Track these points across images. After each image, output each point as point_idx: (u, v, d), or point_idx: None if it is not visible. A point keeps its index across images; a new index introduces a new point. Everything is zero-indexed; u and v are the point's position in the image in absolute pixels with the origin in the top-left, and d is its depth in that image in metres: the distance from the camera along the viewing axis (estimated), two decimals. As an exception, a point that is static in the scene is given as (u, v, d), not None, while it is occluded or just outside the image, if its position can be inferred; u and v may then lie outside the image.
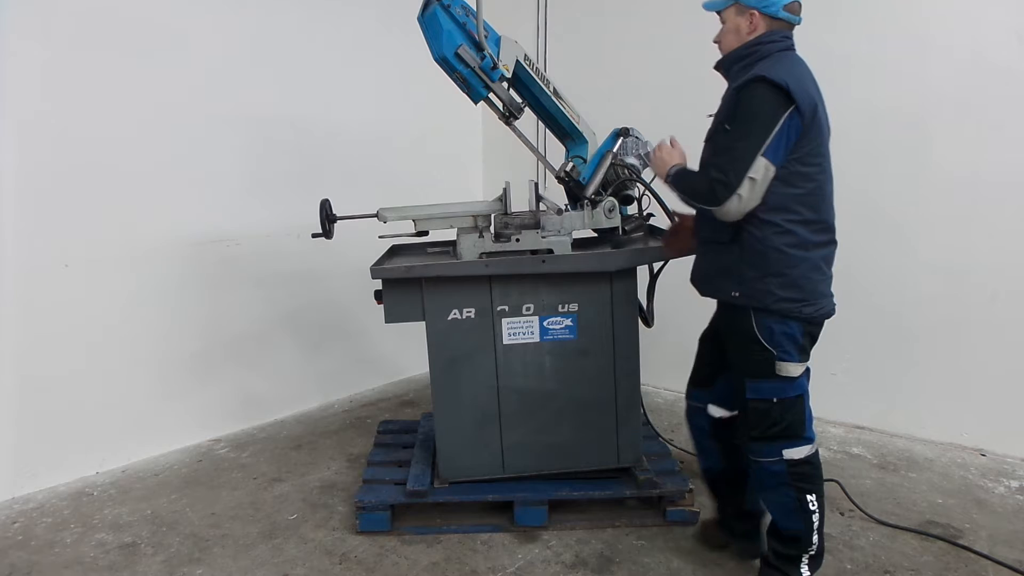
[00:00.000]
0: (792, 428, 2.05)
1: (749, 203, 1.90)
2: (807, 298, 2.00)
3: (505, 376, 2.62)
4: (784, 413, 2.04)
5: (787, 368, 2.03)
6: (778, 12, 1.96)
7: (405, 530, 2.58)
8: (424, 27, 2.51)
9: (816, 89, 1.98)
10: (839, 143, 3.40)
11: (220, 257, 3.49)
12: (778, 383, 2.04)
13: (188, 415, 3.43)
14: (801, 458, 2.04)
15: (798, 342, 2.03)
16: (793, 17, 1.99)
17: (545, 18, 4.41)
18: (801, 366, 2.05)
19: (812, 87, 1.95)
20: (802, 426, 2.06)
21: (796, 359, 2.03)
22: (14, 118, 2.80)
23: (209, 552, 2.50)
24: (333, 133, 3.93)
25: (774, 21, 1.97)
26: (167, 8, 3.20)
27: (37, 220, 2.90)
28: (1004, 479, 2.96)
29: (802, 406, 2.07)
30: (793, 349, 2.02)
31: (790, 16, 1.98)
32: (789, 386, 2.04)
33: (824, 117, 1.99)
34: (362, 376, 4.25)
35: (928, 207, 3.24)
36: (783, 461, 2.04)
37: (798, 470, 2.04)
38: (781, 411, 2.04)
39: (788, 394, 2.04)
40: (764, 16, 1.96)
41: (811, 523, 2.04)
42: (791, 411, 2.04)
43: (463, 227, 2.61)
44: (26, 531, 2.65)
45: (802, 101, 1.86)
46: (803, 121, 1.87)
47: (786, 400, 2.04)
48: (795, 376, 2.04)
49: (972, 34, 3.07)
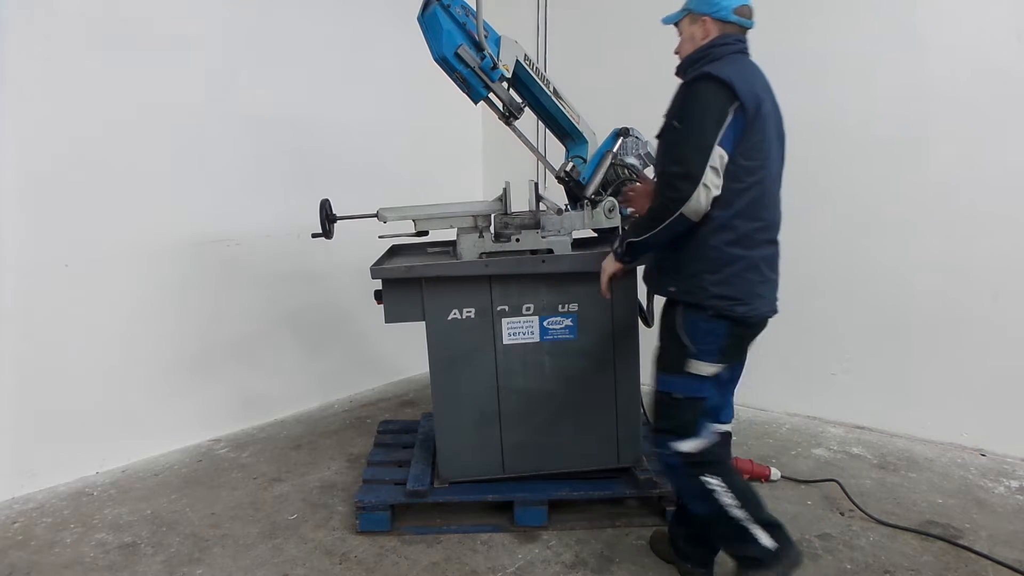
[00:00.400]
0: (684, 427, 2.03)
1: (714, 193, 1.90)
2: (741, 298, 1.97)
3: (505, 376, 2.62)
4: (682, 411, 2.03)
5: (699, 367, 2.01)
6: (728, 16, 2.01)
7: (405, 530, 2.58)
8: (424, 27, 2.51)
9: (765, 90, 1.99)
10: (838, 142, 3.44)
11: (220, 257, 3.49)
12: (685, 379, 2.02)
13: (188, 415, 3.43)
14: (689, 451, 2.03)
15: (721, 343, 2.00)
16: (744, 21, 2.04)
17: (545, 18, 4.42)
18: (715, 367, 2.02)
19: (759, 87, 1.97)
20: (694, 427, 2.02)
21: (713, 359, 2.01)
22: (14, 118, 2.80)
23: (209, 552, 2.50)
24: (333, 133, 3.94)
25: (726, 25, 2.02)
26: (168, 8, 3.20)
27: (37, 220, 2.90)
28: (1004, 479, 2.96)
29: (701, 409, 2.03)
30: (714, 349, 2.00)
31: (741, 20, 2.03)
32: (692, 385, 2.02)
33: (772, 119, 2.00)
34: (362, 376, 4.25)
35: (928, 207, 3.24)
36: (677, 454, 2.04)
37: (692, 459, 2.03)
38: (679, 408, 2.04)
39: (691, 392, 2.02)
40: (716, 21, 2.02)
41: (717, 501, 1.99)
42: (690, 410, 2.03)
43: (463, 227, 2.61)
44: (26, 531, 2.65)
45: (746, 98, 1.88)
46: (746, 117, 1.89)
47: (687, 399, 2.03)
48: (704, 375, 2.01)
49: (972, 34, 3.07)
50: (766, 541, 1.99)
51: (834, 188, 3.47)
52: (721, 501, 1.98)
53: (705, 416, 2.04)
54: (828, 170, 3.48)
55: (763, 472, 2.94)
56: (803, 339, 3.67)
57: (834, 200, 3.49)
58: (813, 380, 3.68)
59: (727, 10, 2.01)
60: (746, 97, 1.88)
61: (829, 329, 3.60)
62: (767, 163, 1.97)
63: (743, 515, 1.98)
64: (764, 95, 1.96)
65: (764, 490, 2.88)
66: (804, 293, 3.64)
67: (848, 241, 3.48)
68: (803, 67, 3.50)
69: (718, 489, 1.99)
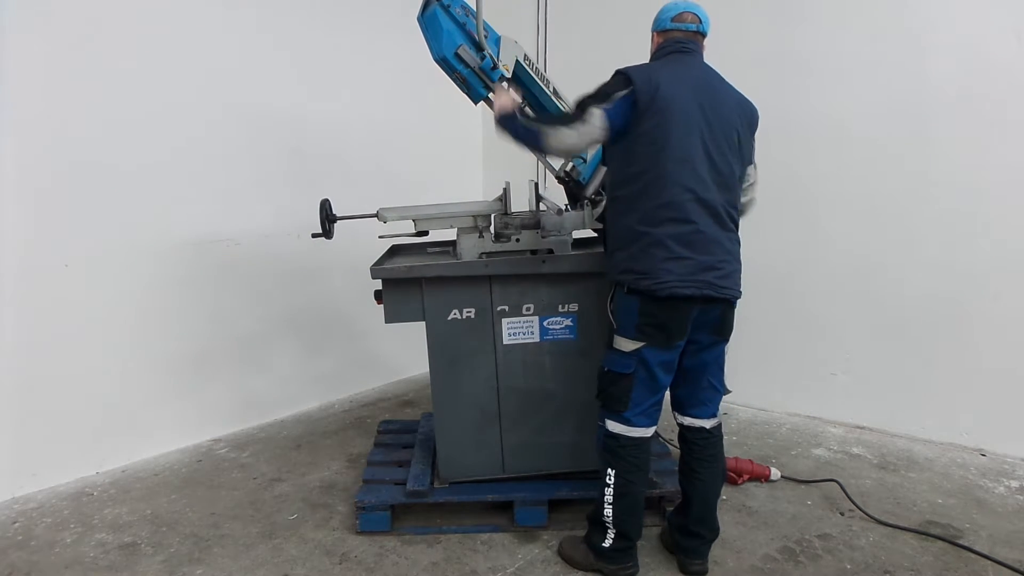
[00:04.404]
0: (611, 402, 2.19)
1: (582, 138, 2.10)
2: (646, 272, 2.06)
3: (505, 376, 2.62)
4: (609, 385, 2.19)
5: (620, 342, 2.16)
6: (667, 24, 2.25)
7: (405, 530, 2.58)
8: (424, 27, 2.51)
9: (683, 82, 2.11)
10: (839, 142, 3.44)
11: (220, 257, 3.49)
12: (612, 354, 2.19)
13: (188, 415, 3.43)
14: (612, 432, 2.20)
15: (635, 319, 2.11)
16: (681, 25, 2.23)
17: (545, 18, 4.42)
18: (632, 343, 2.12)
19: (672, 79, 2.09)
20: (620, 403, 2.17)
21: (630, 335, 2.12)
22: (14, 117, 2.80)
23: (209, 552, 2.50)
24: (333, 133, 3.94)
25: (668, 33, 2.25)
26: (168, 7, 3.20)
27: (37, 220, 2.90)
28: (1004, 479, 2.96)
29: (627, 386, 2.15)
30: (629, 324, 2.12)
31: (678, 25, 2.23)
32: (618, 360, 2.16)
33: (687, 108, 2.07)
34: (362, 376, 4.25)
35: (929, 206, 3.24)
36: (603, 429, 2.23)
37: (608, 442, 2.21)
38: (607, 381, 2.20)
39: (615, 368, 2.17)
40: (660, 33, 2.28)
41: (603, 495, 2.22)
42: (615, 385, 2.17)
43: (463, 227, 2.61)
44: (26, 531, 2.65)
45: (640, 84, 2.05)
46: (637, 100, 2.05)
47: (612, 373, 2.18)
48: (625, 351, 2.14)
49: (973, 34, 3.07)
50: (608, 542, 2.25)
51: (834, 188, 3.47)
52: (604, 493, 2.21)
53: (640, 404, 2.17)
54: (828, 170, 3.48)
55: (763, 472, 2.94)
56: (803, 339, 3.68)
57: (834, 200, 3.49)
58: (813, 380, 3.68)
59: (666, 21, 2.25)
60: (641, 84, 2.05)
61: (829, 329, 3.60)
62: (668, 148, 2.05)
63: (609, 513, 2.21)
64: (676, 86, 2.08)
65: (764, 490, 2.89)
66: (804, 293, 3.65)
67: (848, 241, 3.48)
68: (804, 68, 3.50)
69: (609, 487, 2.20)
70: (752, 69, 3.64)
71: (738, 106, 2.20)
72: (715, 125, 2.10)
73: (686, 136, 2.06)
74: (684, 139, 2.05)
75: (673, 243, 2.05)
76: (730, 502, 2.79)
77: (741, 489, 2.90)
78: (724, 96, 2.18)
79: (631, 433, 2.19)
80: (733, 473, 2.91)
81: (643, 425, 2.20)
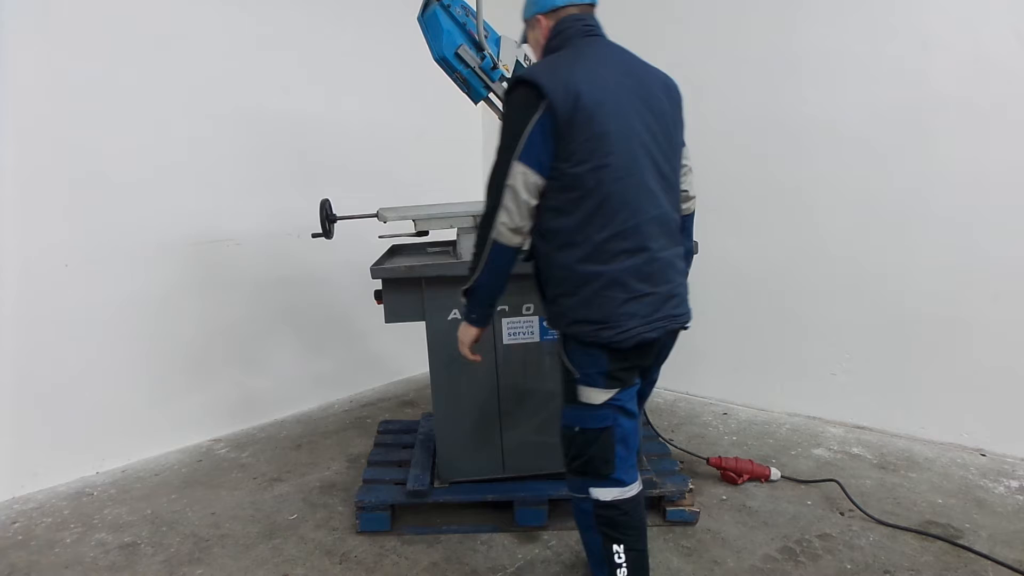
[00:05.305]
0: (594, 464, 1.81)
1: (518, 216, 1.73)
2: (606, 321, 1.71)
3: (505, 376, 2.62)
4: (585, 446, 1.81)
5: (587, 394, 1.79)
6: (554, 2, 1.85)
7: (405, 530, 2.59)
8: (424, 27, 2.51)
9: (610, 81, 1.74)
10: (839, 142, 3.44)
11: (220, 257, 3.49)
12: (580, 410, 1.81)
13: (188, 415, 3.43)
14: (607, 501, 1.80)
15: (603, 368, 1.76)
16: None
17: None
18: (605, 393, 1.78)
19: (594, 80, 1.70)
20: (607, 465, 1.80)
21: (600, 385, 1.77)
22: (15, 118, 2.80)
23: (209, 552, 2.50)
24: (333, 133, 3.94)
25: (558, 12, 1.86)
26: (168, 8, 3.20)
27: (37, 220, 2.90)
28: (1004, 479, 2.96)
29: (609, 442, 1.79)
30: (596, 375, 1.77)
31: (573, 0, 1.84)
32: (590, 415, 1.80)
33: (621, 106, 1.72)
34: (362, 376, 4.25)
35: (929, 207, 3.24)
36: (590, 500, 1.83)
37: (605, 513, 1.81)
38: (582, 443, 1.82)
39: (589, 424, 1.80)
40: (547, 15, 1.87)
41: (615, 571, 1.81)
42: (593, 444, 1.80)
43: (463, 227, 2.61)
44: (26, 531, 2.65)
45: (556, 96, 1.65)
46: (557, 117, 1.66)
47: (588, 431, 1.80)
48: (596, 404, 1.79)
49: (973, 33, 3.07)
50: None
51: (834, 188, 3.47)
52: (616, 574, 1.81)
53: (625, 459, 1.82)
54: (827, 170, 3.48)
55: (763, 472, 2.94)
56: (803, 339, 3.68)
57: (834, 200, 3.48)
58: (813, 380, 3.68)
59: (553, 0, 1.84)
60: (556, 95, 1.65)
61: (829, 329, 3.60)
62: (610, 159, 1.68)
63: None
64: (598, 87, 1.69)
65: (764, 490, 2.89)
66: (804, 293, 3.65)
67: (848, 241, 3.48)
68: (805, 67, 3.50)
69: (622, 567, 1.80)
70: (751, 69, 3.65)
71: (665, 89, 1.85)
72: (650, 121, 1.75)
73: (625, 145, 1.70)
74: (624, 150, 1.69)
75: (631, 280, 1.71)
76: (730, 502, 2.79)
77: (741, 489, 2.90)
78: (650, 82, 1.81)
79: (629, 493, 1.83)
80: (733, 473, 2.91)
81: (636, 478, 1.86)
